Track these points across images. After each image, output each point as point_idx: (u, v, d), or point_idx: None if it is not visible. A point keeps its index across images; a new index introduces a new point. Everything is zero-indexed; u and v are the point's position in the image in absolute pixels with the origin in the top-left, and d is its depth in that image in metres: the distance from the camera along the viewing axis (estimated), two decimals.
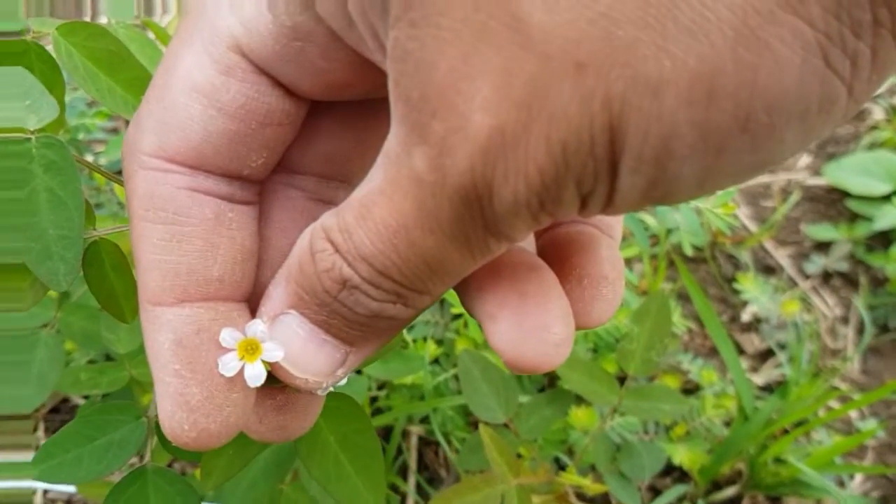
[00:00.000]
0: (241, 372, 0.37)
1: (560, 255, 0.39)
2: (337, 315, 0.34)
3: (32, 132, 0.47)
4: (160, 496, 0.56)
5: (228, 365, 0.37)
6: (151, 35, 0.70)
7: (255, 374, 0.37)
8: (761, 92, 0.25)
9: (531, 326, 0.35)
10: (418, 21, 0.27)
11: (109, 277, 0.53)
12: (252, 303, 0.39)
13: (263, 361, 0.37)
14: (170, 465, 1.19)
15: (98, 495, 1.02)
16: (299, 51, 0.35)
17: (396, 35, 0.28)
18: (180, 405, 0.37)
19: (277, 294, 0.36)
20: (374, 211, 0.31)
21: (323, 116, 0.40)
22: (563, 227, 0.41)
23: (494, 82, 0.27)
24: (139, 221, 0.36)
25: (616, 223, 0.42)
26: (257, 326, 0.37)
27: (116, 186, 1.23)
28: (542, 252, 0.40)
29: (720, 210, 0.90)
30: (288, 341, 0.36)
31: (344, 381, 0.42)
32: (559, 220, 0.31)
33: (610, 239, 0.41)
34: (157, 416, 0.39)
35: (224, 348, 0.37)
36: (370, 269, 0.32)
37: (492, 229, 0.30)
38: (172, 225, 0.36)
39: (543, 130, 0.27)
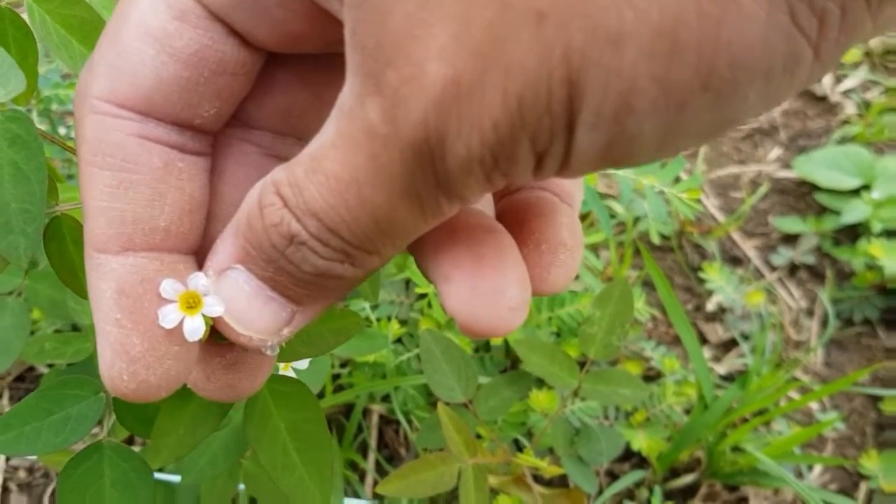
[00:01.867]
0: (182, 325, 0.36)
1: (519, 220, 0.39)
2: (283, 272, 0.34)
3: None
4: (115, 471, 0.57)
5: (168, 317, 0.36)
6: None
7: (194, 328, 0.36)
8: (725, 46, 0.25)
9: (486, 290, 0.34)
10: None
11: (70, 252, 0.53)
12: (201, 256, 0.38)
13: (204, 316, 0.36)
14: (129, 439, 1.20)
15: (59, 463, 1.03)
16: None
17: None
18: (120, 355, 0.36)
19: (224, 248, 0.36)
20: (325, 164, 0.30)
21: (280, 70, 0.40)
22: (522, 192, 0.41)
23: (452, 30, 0.26)
24: (87, 167, 0.36)
25: (576, 191, 0.42)
26: (199, 280, 0.36)
27: None
28: (501, 216, 0.40)
29: (685, 195, 0.91)
30: (233, 297, 0.36)
31: (305, 365, 0.42)
32: (513, 180, 0.30)
33: (569, 207, 0.41)
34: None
35: (165, 299, 0.36)
36: (319, 224, 0.31)
37: (444, 187, 0.30)
38: (120, 172, 0.35)
39: (500, 82, 0.26)
